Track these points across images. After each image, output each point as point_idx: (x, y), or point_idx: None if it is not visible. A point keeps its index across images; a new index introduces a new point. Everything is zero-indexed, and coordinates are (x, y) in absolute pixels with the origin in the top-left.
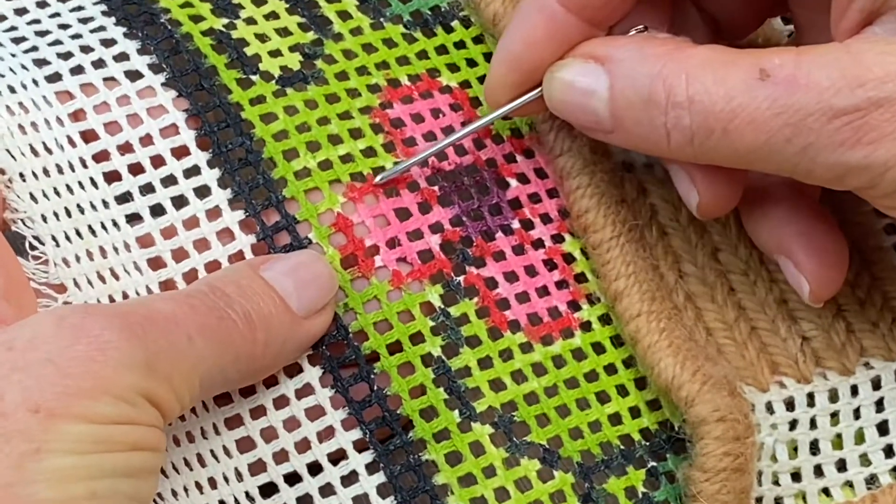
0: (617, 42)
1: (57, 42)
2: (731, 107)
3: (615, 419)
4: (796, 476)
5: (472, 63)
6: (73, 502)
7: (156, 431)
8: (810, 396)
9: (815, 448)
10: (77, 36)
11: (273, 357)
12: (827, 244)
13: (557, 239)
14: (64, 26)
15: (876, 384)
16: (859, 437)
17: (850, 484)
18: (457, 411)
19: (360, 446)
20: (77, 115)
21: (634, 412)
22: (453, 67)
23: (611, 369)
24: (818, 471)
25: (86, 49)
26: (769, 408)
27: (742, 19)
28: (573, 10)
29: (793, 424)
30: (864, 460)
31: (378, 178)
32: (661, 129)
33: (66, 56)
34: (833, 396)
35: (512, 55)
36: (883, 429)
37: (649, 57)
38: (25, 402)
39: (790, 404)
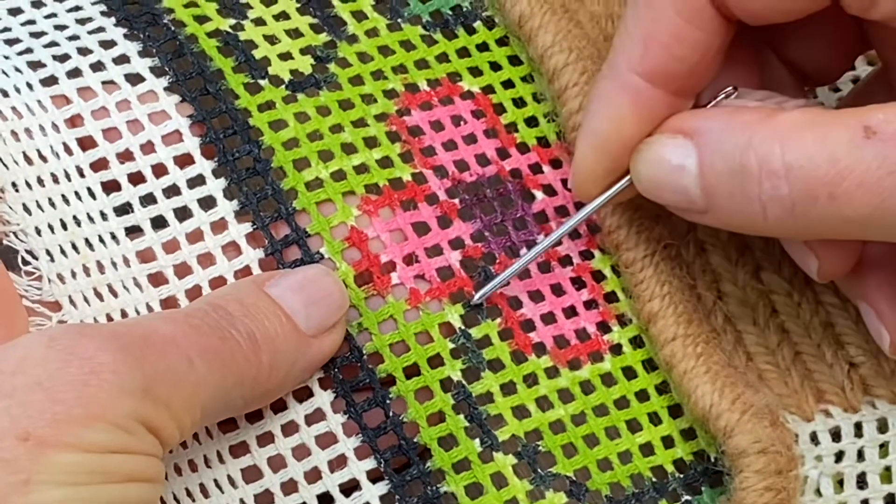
0: (705, 114)
1: (53, 44)
2: (836, 170)
3: (647, 449)
4: None
5: (495, 67)
6: None
7: (154, 461)
8: (858, 426)
9: (862, 482)
10: (74, 37)
11: (280, 380)
12: None
13: (586, 255)
14: (61, 27)
15: None
16: None
17: None
18: (478, 440)
19: (374, 476)
20: (74, 121)
21: (668, 442)
22: (476, 71)
23: (643, 396)
24: None
25: (84, 51)
26: (814, 438)
27: (828, 63)
28: (659, 85)
29: (839, 456)
30: None
31: (476, 297)
32: (756, 202)
33: (63, 58)
34: (882, 426)
35: (598, 140)
36: None
37: (738, 126)
38: (14, 429)
39: (836, 434)
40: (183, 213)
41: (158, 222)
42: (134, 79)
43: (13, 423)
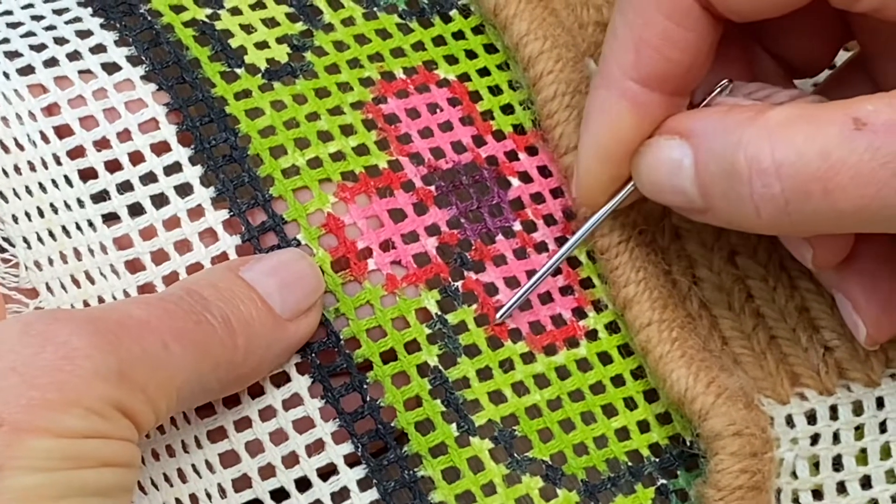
0: (699, 115)
1: (30, 33)
2: (829, 164)
3: (622, 434)
4: (818, 494)
5: (471, 55)
6: None
7: (129, 446)
8: (833, 409)
9: (838, 464)
10: (51, 27)
11: (256, 364)
12: (890, 288)
13: (562, 242)
14: (37, 17)
15: None
16: (885, 452)
17: (875, 502)
18: (454, 425)
19: (351, 461)
20: (51, 110)
21: (643, 426)
22: (451, 59)
23: (618, 381)
24: (841, 488)
25: (60, 41)
26: (789, 421)
27: (814, 55)
28: (654, 87)
29: (814, 439)
30: (890, 477)
31: (498, 316)
32: (749, 201)
33: (40, 48)
34: (857, 409)
35: (601, 149)
36: None
37: (729, 126)
38: None
39: (812, 417)
40: (160, 200)
41: (135, 209)
42: (110, 67)
43: None
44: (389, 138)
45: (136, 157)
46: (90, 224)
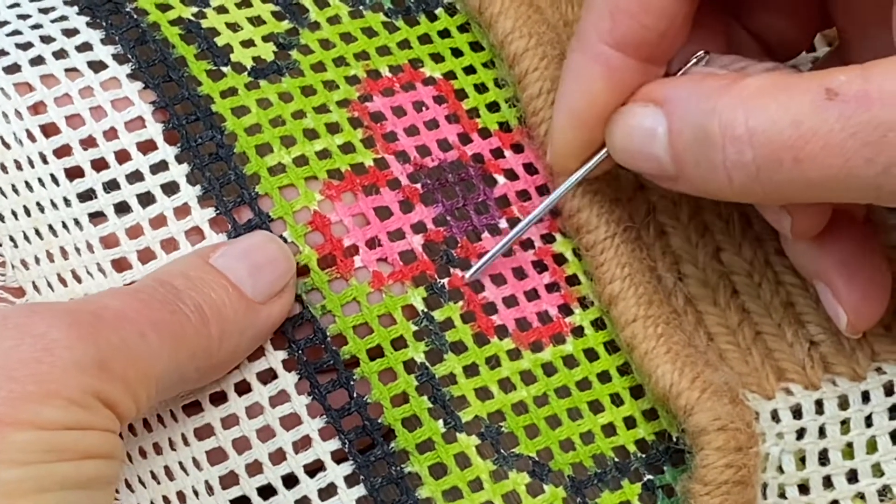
0: (674, 82)
1: (16, 32)
2: (800, 132)
3: (609, 430)
4: (804, 488)
5: (457, 53)
6: None
7: (111, 437)
8: (819, 404)
9: (824, 458)
10: (37, 26)
11: (232, 350)
12: (870, 275)
13: (548, 239)
14: (23, 17)
15: (888, 390)
16: (871, 446)
17: (861, 496)
18: (441, 421)
19: (338, 457)
20: (37, 108)
21: (630, 422)
22: (437, 58)
23: (604, 377)
24: (827, 482)
25: (46, 39)
26: (775, 416)
27: (791, 37)
28: (629, 53)
29: (800, 433)
30: (877, 470)
31: (468, 276)
32: (721, 168)
33: (26, 46)
34: (843, 403)
35: (574, 113)
36: None
37: (704, 93)
38: None
39: (797, 412)
40: (146, 199)
41: (122, 208)
42: (97, 66)
43: None
44: (375, 136)
45: (122, 156)
46: (77, 223)
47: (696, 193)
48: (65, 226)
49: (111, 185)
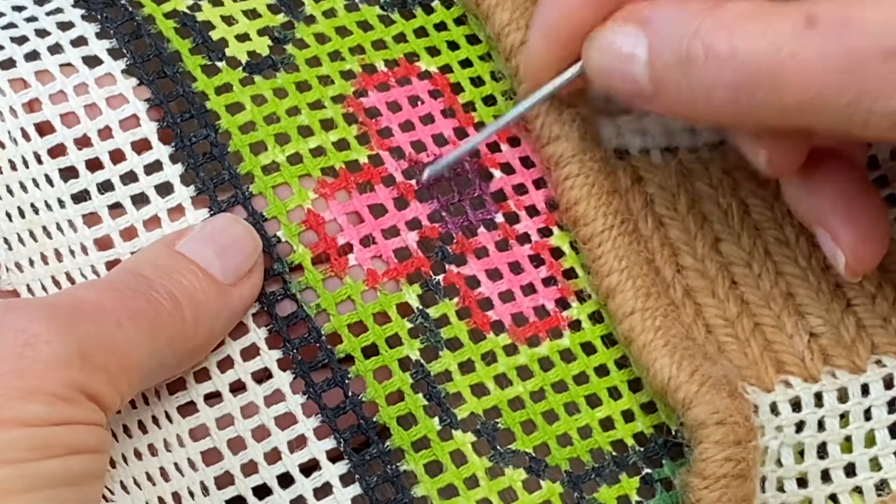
0: (656, 3)
1: (10, 25)
2: (778, 58)
3: (607, 424)
4: (802, 482)
5: (453, 46)
6: None
7: (98, 430)
8: (818, 396)
9: (822, 451)
10: (32, 19)
11: (207, 334)
12: (868, 217)
13: (545, 233)
14: (18, 8)
15: (888, 383)
16: (869, 440)
17: (858, 490)
18: (437, 418)
19: (334, 456)
20: (32, 105)
21: (628, 416)
22: (433, 51)
23: (602, 371)
24: (825, 476)
25: (41, 33)
26: (774, 409)
27: None
28: None
29: (799, 426)
30: (875, 464)
31: (424, 177)
32: (701, 89)
33: (21, 41)
34: (842, 396)
35: (550, 27)
36: (895, 431)
37: (687, 15)
38: None
39: (796, 405)
40: (140, 200)
41: (116, 209)
42: (92, 61)
43: None
44: (370, 132)
45: (116, 156)
46: (71, 224)
47: (672, 115)
48: (59, 227)
49: (105, 186)
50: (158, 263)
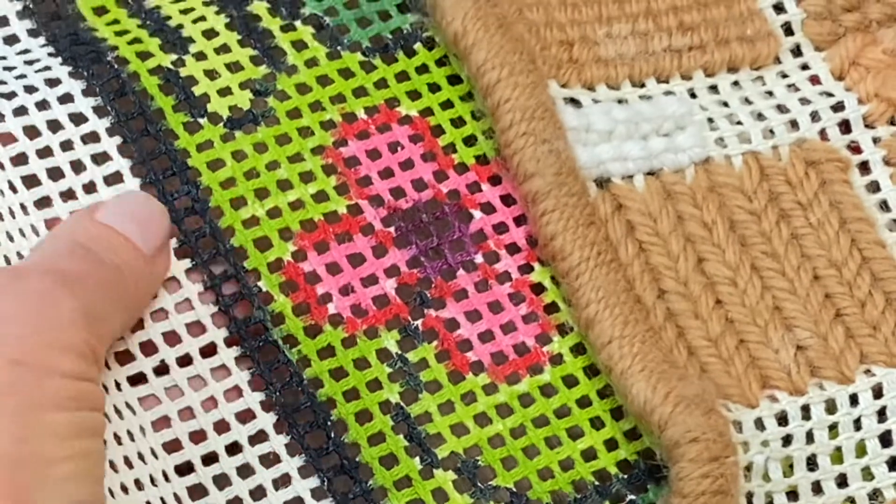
0: None
1: (0, 82)
2: None
3: (589, 454)
4: (793, 495)
5: (434, 88)
6: (72, 462)
7: (100, 390)
8: (805, 409)
9: (812, 464)
10: (22, 76)
11: (144, 303)
12: None
13: (526, 269)
14: (8, 69)
15: (877, 392)
16: (860, 450)
17: (851, 500)
18: (418, 458)
19: (318, 495)
20: (19, 160)
21: (611, 444)
22: (414, 95)
23: (584, 402)
24: (817, 488)
25: (30, 89)
26: (759, 424)
27: None
28: None
29: (787, 440)
30: (867, 474)
31: None
32: None
33: (10, 96)
34: (831, 407)
35: None
36: (886, 440)
37: None
38: (7, 353)
39: (783, 419)
40: None
41: None
42: (77, 118)
43: (3, 351)
44: (349, 182)
45: None
46: None
47: None
48: None
49: None
50: (92, 234)
